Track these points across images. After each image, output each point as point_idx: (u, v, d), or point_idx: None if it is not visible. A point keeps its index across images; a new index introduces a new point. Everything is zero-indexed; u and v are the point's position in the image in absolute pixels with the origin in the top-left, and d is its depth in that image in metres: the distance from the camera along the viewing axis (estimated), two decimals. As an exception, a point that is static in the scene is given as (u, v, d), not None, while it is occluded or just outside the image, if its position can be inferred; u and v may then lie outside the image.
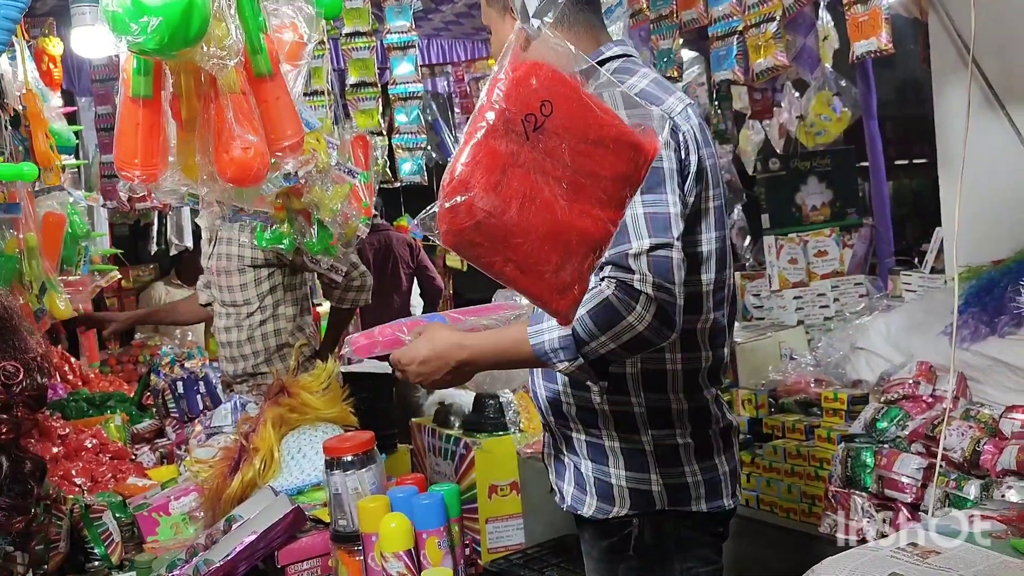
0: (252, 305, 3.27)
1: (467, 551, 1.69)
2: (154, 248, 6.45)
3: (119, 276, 3.80)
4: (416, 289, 5.87)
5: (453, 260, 6.51)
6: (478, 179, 1.06)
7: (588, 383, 1.55)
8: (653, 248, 1.46)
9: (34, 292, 2.45)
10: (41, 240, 2.47)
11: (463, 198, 1.06)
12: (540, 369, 1.72)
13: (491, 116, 1.07)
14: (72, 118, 3.53)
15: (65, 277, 2.54)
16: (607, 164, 1.13)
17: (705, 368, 1.67)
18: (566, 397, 1.70)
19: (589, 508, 1.69)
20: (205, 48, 1.38)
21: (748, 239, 4.98)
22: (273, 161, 1.53)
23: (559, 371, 1.54)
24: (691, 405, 1.66)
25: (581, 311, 1.43)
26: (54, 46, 3.21)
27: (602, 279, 1.46)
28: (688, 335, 1.63)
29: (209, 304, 3.50)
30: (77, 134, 2.86)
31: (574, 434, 1.71)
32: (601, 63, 1.63)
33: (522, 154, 1.07)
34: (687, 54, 4.50)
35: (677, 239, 1.49)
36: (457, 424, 3.51)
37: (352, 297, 3.51)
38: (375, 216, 5.13)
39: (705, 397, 1.68)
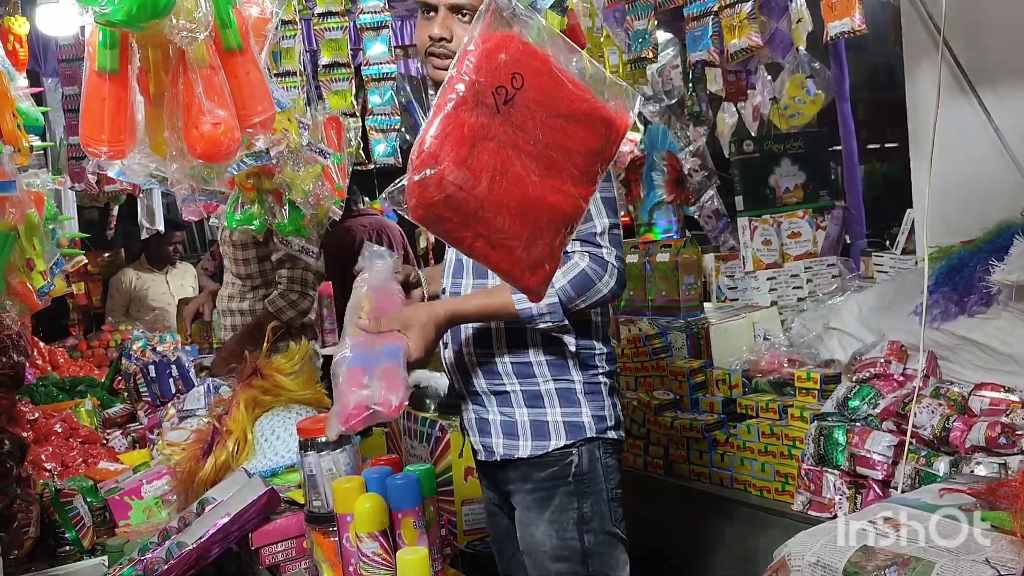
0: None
1: (442, 532, 1.69)
2: (110, 233, 6.32)
3: (85, 260, 3.74)
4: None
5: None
6: (448, 152, 1.04)
7: (560, 335, 1.86)
8: (611, 227, 1.82)
9: (37, 270, 2.41)
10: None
11: (432, 171, 1.04)
12: (472, 340, 1.95)
13: (461, 88, 1.05)
14: (38, 100, 3.45)
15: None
16: (579, 139, 1.12)
17: (607, 321, 2.02)
18: (501, 358, 1.93)
19: (524, 450, 1.92)
20: (174, 20, 1.35)
21: (723, 221, 4.99)
22: (244, 138, 1.50)
23: (539, 328, 1.83)
24: (607, 349, 1.99)
25: (563, 280, 1.77)
26: (20, 25, 3.13)
27: (574, 252, 1.78)
28: None
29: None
30: (44, 116, 2.80)
31: (509, 388, 1.93)
32: None
33: (493, 127, 1.06)
34: (662, 35, 4.48)
35: (620, 217, 1.87)
36: (433, 407, 3.50)
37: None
38: (364, 201, 5.13)
39: (612, 343, 2.02)
